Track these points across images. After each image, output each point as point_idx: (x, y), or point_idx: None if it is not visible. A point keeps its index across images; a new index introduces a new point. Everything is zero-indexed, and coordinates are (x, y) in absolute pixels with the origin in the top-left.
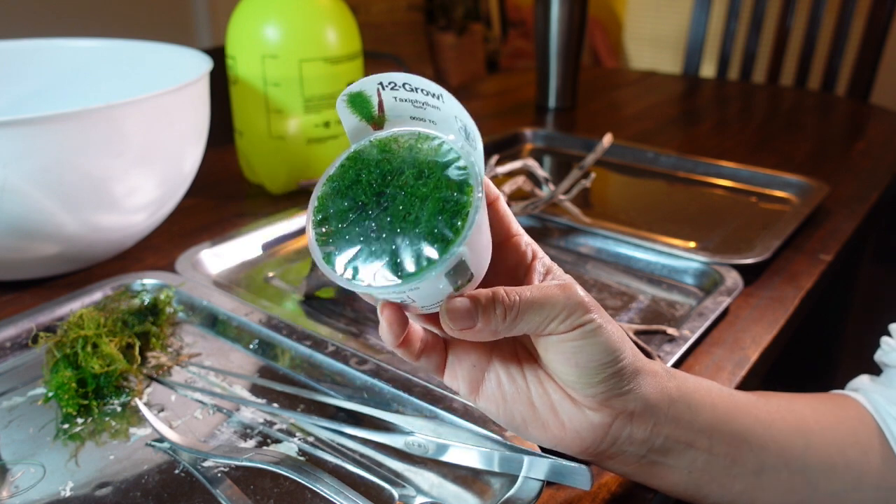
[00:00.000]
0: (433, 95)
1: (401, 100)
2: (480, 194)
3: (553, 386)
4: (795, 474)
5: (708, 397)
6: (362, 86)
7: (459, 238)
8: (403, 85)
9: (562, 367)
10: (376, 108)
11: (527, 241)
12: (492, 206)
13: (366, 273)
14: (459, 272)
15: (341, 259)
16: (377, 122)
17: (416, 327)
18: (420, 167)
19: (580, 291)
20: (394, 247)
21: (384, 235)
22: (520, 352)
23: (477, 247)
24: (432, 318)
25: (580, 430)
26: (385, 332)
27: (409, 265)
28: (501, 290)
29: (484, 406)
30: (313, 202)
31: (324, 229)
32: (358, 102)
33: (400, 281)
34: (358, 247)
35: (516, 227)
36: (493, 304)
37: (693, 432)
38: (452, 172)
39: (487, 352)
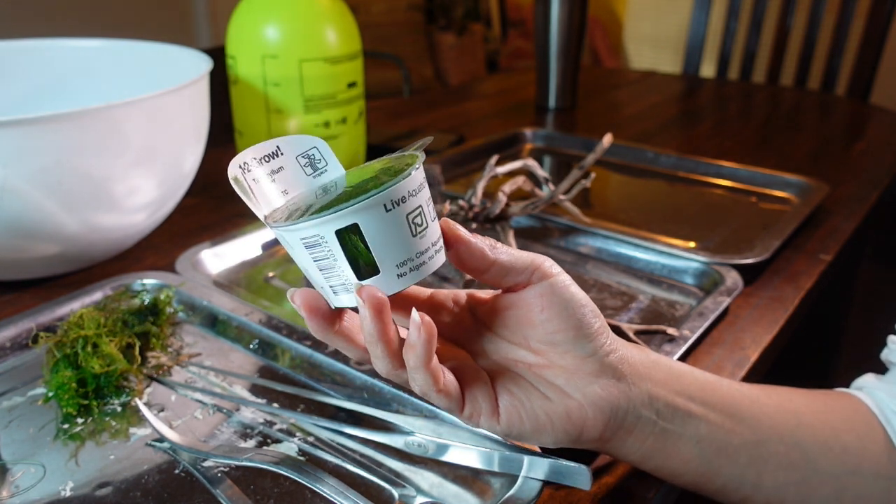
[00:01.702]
0: (272, 156)
1: (257, 180)
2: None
3: (552, 373)
4: (793, 449)
5: (688, 369)
6: (233, 171)
7: (413, 166)
8: (252, 160)
9: (559, 322)
10: (251, 191)
11: (445, 293)
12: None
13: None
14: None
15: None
16: (258, 206)
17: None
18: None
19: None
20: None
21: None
22: (510, 365)
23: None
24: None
25: (596, 401)
26: (421, 344)
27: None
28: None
29: (506, 423)
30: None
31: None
32: (239, 186)
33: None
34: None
35: (426, 292)
36: (482, 237)
37: (685, 398)
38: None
39: (486, 378)
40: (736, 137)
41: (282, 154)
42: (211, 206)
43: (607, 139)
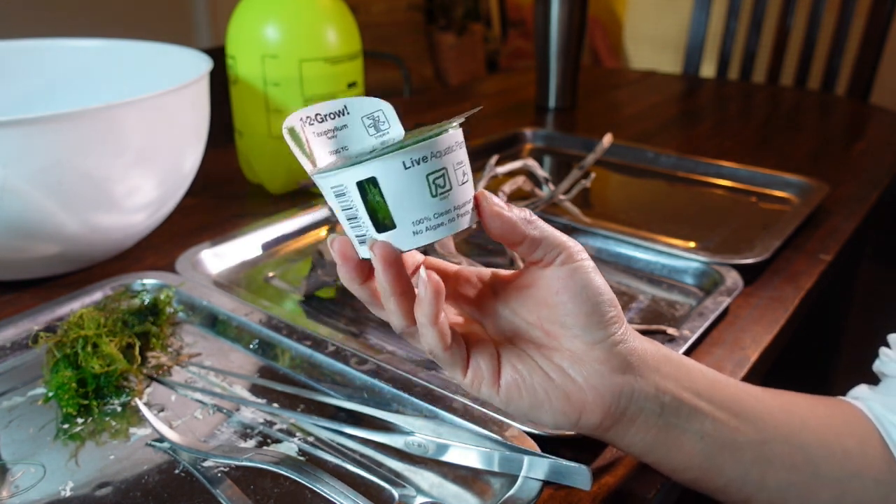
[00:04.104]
0: (339, 114)
1: (318, 134)
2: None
3: (558, 356)
4: (797, 451)
5: (698, 366)
6: (291, 122)
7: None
8: (315, 116)
9: (573, 306)
10: (307, 144)
11: (470, 270)
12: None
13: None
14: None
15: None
16: (310, 158)
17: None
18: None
19: None
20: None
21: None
22: (518, 342)
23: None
24: (459, 300)
25: (598, 386)
26: (428, 300)
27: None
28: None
29: (505, 396)
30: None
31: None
32: (294, 136)
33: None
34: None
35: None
36: (519, 209)
37: (693, 394)
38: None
39: (494, 347)
40: (736, 137)
41: (348, 113)
42: (211, 206)
43: (607, 139)
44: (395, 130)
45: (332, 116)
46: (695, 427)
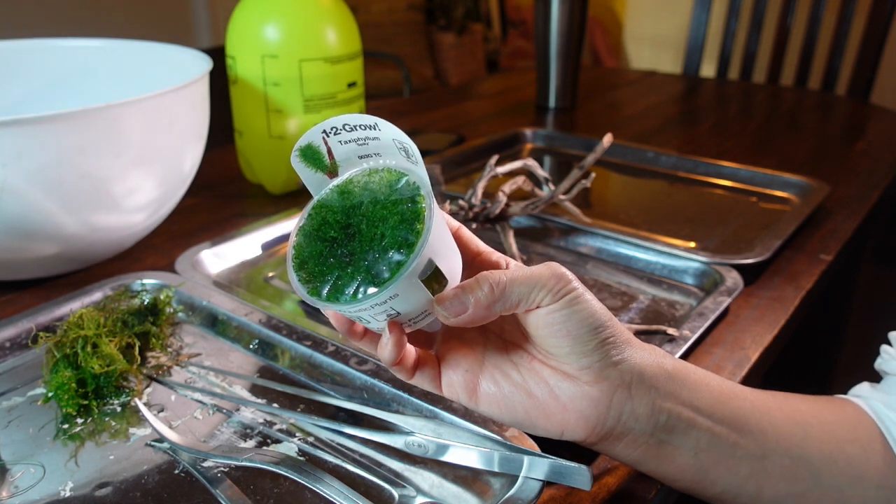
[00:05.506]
0: (370, 127)
1: (345, 142)
2: (431, 200)
3: (548, 371)
4: (797, 462)
5: (704, 379)
6: (309, 138)
7: (422, 238)
8: (343, 127)
9: (554, 340)
10: (326, 156)
11: (497, 256)
12: (455, 233)
13: (349, 294)
14: (433, 276)
15: (325, 290)
16: (331, 170)
17: (409, 346)
18: (375, 194)
19: (562, 267)
20: (367, 263)
21: (357, 258)
22: (510, 349)
23: (443, 249)
24: (422, 338)
25: (582, 408)
26: (388, 350)
27: (384, 273)
28: (486, 272)
29: (486, 409)
30: (290, 252)
31: (304, 273)
32: (309, 155)
33: (377, 289)
34: (336, 275)
35: (482, 246)
36: (478, 284)
37: (693, 411)
38: (404, 190)
39: (479, 356)
40: (736, 137)
41: (379, 129)
42: (211, 206)
43: (607, 139)
44: (419, 163)
45: (363, 128)
46: (689, 444)
